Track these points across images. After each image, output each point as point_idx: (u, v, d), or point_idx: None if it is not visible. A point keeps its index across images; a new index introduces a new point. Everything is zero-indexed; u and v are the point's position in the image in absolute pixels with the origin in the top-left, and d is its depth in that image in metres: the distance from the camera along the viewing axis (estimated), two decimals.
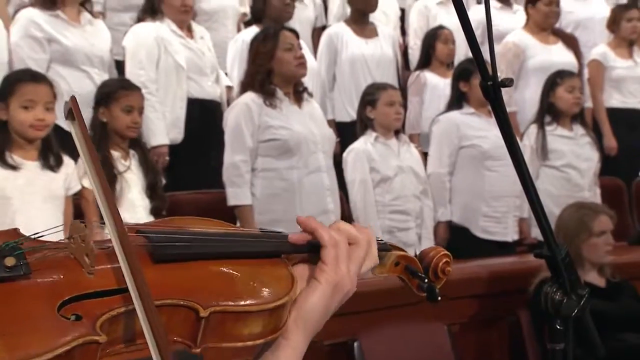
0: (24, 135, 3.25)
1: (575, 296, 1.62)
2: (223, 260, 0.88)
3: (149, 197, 3.65)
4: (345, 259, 0.94)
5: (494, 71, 1.43)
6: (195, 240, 0.89)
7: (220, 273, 0.87)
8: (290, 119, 3.90)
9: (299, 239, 0.96)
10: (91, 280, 0.79)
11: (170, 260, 0.85)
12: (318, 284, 0.92)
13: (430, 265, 1.05)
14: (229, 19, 5.69)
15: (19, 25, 4.22)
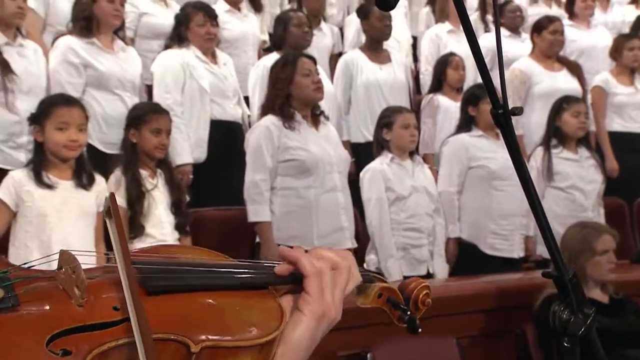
0: (59, 155, 3.28)
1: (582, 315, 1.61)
2: (213, 292, 0.84)
3: (174, 213, 3.67)
4: (329, 288, 0.89)
5: (504, 100, 1.43)
6: (185, 271, 0.85)
7: (211, 306, 0.83)
8: (308, 141, 3.91)
9: (283, 271, 0.90)
10: (81, 312, 0.74)
11: (161, 292, 0.80)
12: (303, 316, 0.87)
13: (410, 297, 1.02)
14: (249, 46, 5.72)
15: (57, 52, 4.26)
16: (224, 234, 4.21)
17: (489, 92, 1.45)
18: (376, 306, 1.02)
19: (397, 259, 4.10)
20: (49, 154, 3.28)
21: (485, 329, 3.46)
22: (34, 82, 4.12)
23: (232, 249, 4.13)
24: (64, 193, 3.28)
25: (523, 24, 6.37)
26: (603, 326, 2.58)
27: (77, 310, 0.73)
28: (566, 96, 4.75)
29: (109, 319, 0.74)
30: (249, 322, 0.82)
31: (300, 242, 3.83)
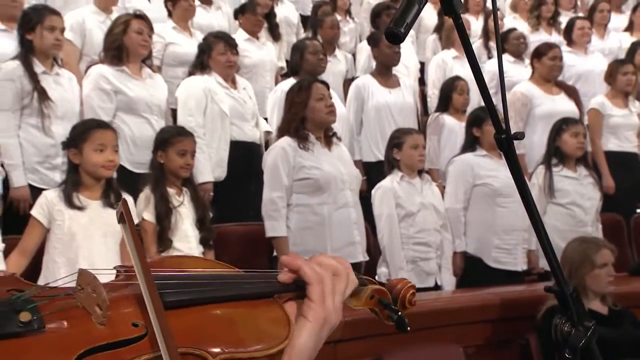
0: (96, 175, 3.31)
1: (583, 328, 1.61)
2: (224, 304, 0.83)
3: (199, 228, 3.69)
4: (330, 294, 0.89)
5: (507, 126, 1.44)
6: (196, 284, 0.84)
7: (223, 318, 0.82)
8: (321, 160, 3.92)
9: (286, 279, 0.90)
10: (103, 331, 0.72)
11: (177, 306, 0.79)
12: (307, 321, 0.87)
13: (398, 297, 1.01)
14: (267, 72, 5.76)
15: (90, 79, 4.29)
16: (244, 248, 4.22)
17: (491, 117, 1.46)
18: (367, 307, 1.02)
19: (407, 272, 4.07)
20: (84, 175, 3.31)
21: (490, 339, 3.44)
22: (69, 107, 4.15)
23: (251, 262, 4.14)
24: (92, 213, 3.31)
25: (526, 50, 6.36)
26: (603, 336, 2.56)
27: (99, 329, 0.72)
28: (565, 118, 4.74)
29: (130, 335, 0.73)
30: (260, 333, 0.82)
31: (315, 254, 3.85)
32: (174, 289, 0.80)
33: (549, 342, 3.21)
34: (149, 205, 3.57)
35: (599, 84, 6.06)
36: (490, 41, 6.85)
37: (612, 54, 6.88)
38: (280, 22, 6.58)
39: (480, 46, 6.86)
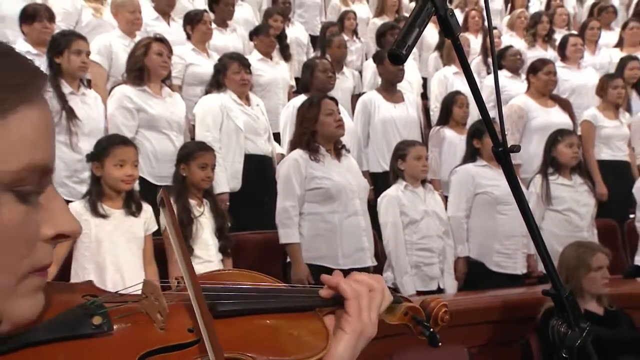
0: (116, 188, 3.33)
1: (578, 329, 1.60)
2: (269, 315, 0.86)
3: (218, 237, 3.70)
4: (367, 309, 0.91)
5: (503, 139, 1.45)
6: (246, 297, 0.86)
7: (269, 327, 0.85)
8: (331, 171, 3.93)
9: (326, 295, 0.93)
10: (162, 335, 0.75)
11: (227, 315, 0.83)
12: (344, 333, 0.89)
13: (431, 314, 1.04)
14: (280, 89, 5.79)
15: (114, 98, 4.33)
16: (259, 255, 4.23)
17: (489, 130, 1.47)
18: (401, 322, 1.05)
19: (411, 276, 4.08)
20: (106, 187, 3.33)
21: (492, 339, 3.43)
22: (94, 125, 4.19)
23: (266, 268, 4.14)
24: (116, 221, 3.33)
25: (522, 65, 6.37)
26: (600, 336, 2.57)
27: (159, 334, 0.75)
28: (560, 129, 4.73)
29: (185, 340, 0.76)
30: (301, 343, 0.85)
31: (326, 261, 3.86)
32: (226, 300, 0.84)
33: (548, 342, 3.19)
34: None
35: (591, 97, 6.06)
36: (488, 57, 6.85)
37: (603, 68, 6.87)
38: (291, 43, 6.63)
39: (480, 62, 6.87)
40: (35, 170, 0.62)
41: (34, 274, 0.64)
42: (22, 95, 0.61)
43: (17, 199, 0.61)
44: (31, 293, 0.65)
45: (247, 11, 7.08)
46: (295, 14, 7.89)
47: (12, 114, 0.60)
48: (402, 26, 1.31)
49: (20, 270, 0.63)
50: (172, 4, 6.01)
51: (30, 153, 0.62)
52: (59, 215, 0.66)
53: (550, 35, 7.45)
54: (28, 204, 0.62)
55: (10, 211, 0.61)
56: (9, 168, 0.60)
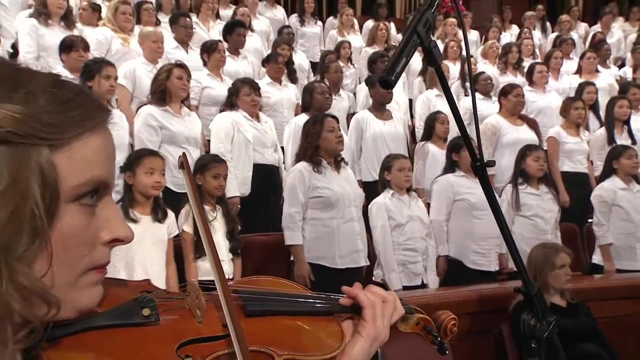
0: (146, 194, 3.31)
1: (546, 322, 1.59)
2: (293, 317, 0.88)
3: (229, 239, 3.68)
4: (380, 316, 0.93)
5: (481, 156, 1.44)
6: (274, 300, 0.88)
7: (291, 327, 0.87)
8: (332, 182, 3.91)
9: (346, 302, 0.95)
10: (200, 328, 0.78)
11: (256, 315, 0.85)
12: (360, 337, 0.91)
13: (441, 326, 1.05)
14: (285, 109, 5.78)
15: (140, 117, 4.32)
16: (266, 255, 4.20)
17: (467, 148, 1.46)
18: (414, 331, 1.06)
19: (398, 273, 4.05)
20: (136, 194, 3.32)
21: (470, 329, 3.39)
22: (120, 140, 4.16)
23: (273, 266, 4.14)
24: (144, 225, 3.31)
25: (493, 89, 6.38)
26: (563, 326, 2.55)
27: (197, 326, 0.78)
28: (528, 145, 4.72)
29: (218, 333, 0.79)
30: (319, 342, 0.86)
31: (326, 261, 3.84)
32: (256, 302, 0.86)
33: (519, 332, 3.17)
34: (188, 219, 3.57)
35: (555, 117, 6.07)
36: (466, 82, 6.85)
37: (565, 92, 6.89)
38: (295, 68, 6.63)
39: (458, 86, 6.87)
40: (94, 185, 0.67)
41: (92, 271, 0.69)
42: (86, 126, 0.66)
43: (80, 208, 0.66)
44: (90, 286, 0.69)
45: (256, 41, 7.08)
46: (297, 43, 7.91)
47: (76, 140, 0.65)
48: (392, 56, 1.30)
49: (80, 268, 0.67)
50: (190, 34, 6.02)
51: (91, 171, 0.66)
52: (115, 222, 0.71)
53: (519, 63, 7.46)
54: (89, 213, 0.67)
55: (73, 219, 0.65)
56: (71, 183, 0.64)
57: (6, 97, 0.61)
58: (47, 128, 0.63)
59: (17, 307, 0.60)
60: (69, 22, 5.40)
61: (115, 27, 5.67)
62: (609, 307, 3.78)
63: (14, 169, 0.60)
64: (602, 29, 9.72)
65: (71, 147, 0.65)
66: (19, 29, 5.41)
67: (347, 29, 8.30)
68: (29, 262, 0.61)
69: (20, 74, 0.65)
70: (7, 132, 0.60)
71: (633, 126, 6.00)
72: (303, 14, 8.42)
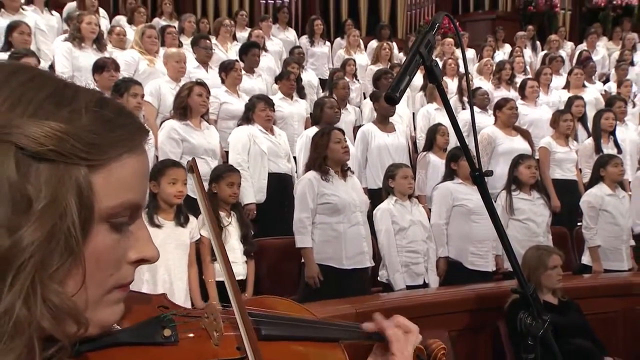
0: (169, 202, 3.30)
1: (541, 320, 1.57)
2: (303, 342, 0.85)
3: (243, 243, 3.65)
4: (405, 348, 0.91)
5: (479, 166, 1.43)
6: (287, 325, 0.85)
7: (301, 353, 0.84)
8: (339, 189, 3.89)
9: (369, 328, 0.93)
10: (217, 350, 0.75)
11: (270, 338, 0.81)
12: None
13: (432, 354, 1.02)
14: (295, 122, 5.78)
15: (164, 131, 4.33)
16: (279, 256, 4.18)
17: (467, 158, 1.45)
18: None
19: (401, 273, 4.01)
20: (161, 202, 3.31)
21: (469, 325, 3.37)
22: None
23: (285, 267, 4.12)
24: (168, 230, 3.30)
25: (489, 103, 6.34)
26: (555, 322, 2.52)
27: (214, 348, 0.75)
28: (521, 154, 4.69)
29: (234, 356, 0.75)
30: None
31: (333, 262, 3.81)
32: (269, 326, 0.83)
33: (514, 328, 3.14)
34: (205, 224, 3.55)
35: (546, 128, 6.02)
36: (463, 96, 6.83)
37: (555, 106, 6.83)
38: (305, 85, 6.63)
39: (456, 100, 6.84)
40: (128, 207, 0.63)
41: (117, 289, 0.65)
42: (125, 147, 0.62)
43: (111, 229, 0.62)
44: (114, 304, 0.65)
45: (270, 60, 7.10)
46: (308, 62, 7.92)
47: (114, 162, 0.61)
48: (396, 74, 1.29)
49: (107, 286, 0.64)
50: (210, 55, 6.05)
51: (126, 194, 0.62)
52: (143, 243, 0.67)
53: (511, 79, 7.42)
54: (119, 233, 0.63)
55: (104, 239, 0.61)
56: (106, 205, 0.60)
57: (51, 114, 0.58)
58: (88, 148, 0.59)
59: (47, 326, 0.56)
60: (101, 45, 5.45)
61: (142, 49, 5.71)
62: (597, 304, 3.76)
63: (53, 187, 0.57)
64: (588, 48, 9.70)
65: (109, 168, 0.60)
66: (55, 52, 5.46)
67: (353, 49, 8.30)
68: (61, 281, 0.58)
69: (67, 90, 0.61)
70: (49, 150, 0.57)
71: (618, 136, 5.95)
72: (313, 36, 8.44)
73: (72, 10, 6.74)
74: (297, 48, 7.75)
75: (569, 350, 3.06)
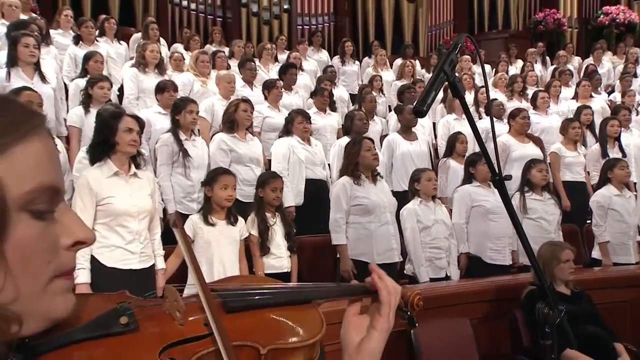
0: (221, 205, 3.36)
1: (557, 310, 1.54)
2: (273, 309, 0.75)
3: (287, 240, 3.68)
4: (393, 311, 0.83)
5: (499, 171, 1.42)
6: (252, 294, 0.76)
7: (272, 319, 0.75)
8: (369, 192, 3.88)
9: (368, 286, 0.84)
10: (182, 329, 0.67)
11: (236, 310, 0.72)
12: (375, 331, 0.81)
13: (408, 301, 0.91)
14: (328, 132, 5.77)
15: (215, 143, 4.39)
16: (317, 253, 4.19)
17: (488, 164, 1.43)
18: None
19: (426, 267, 3.97)
20: (214, 204, 3.36)
21: (488, 314, 3.32)
22: (201, 162, 4.24)
23: (322, 262, 4.13)
24: (220, 228, 3.35)
25: (504, 113, 6.23)
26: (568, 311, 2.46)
27: (179, 328, 0.67)
28: (533, 159, 4.59)
29: (201, 332, 0.67)
30: (300, 330, 0.74)
31: (365, 257, 3.79)
32: (235, 298, 0.74)
33: (530, 316, 3.07)
34: (254, 225, 3.59)
35: (556, 135, 5.88)
36: (479, 108, 6.73)
37: (564, 115, 6.67)
38: (336, 100, 6.64)
39: (473, 111, 6.75)
40: (44, 191, 0.54)
41: (60, 277, 0.56)
42: (21, 131, 0.53)
43: (32, 216, 0.53)
44: (61, 293, 0.56)
45: (305, 78, 7.13)
46: (339, 79, 7.92)
47: (13, 146, 0.52)
48: (423, 90, 1.29)
49: (45, 275, 0.54)
50: (254, 75, 6.11)
51: (37, 177, 0.53)
52: (73, 226, 0.57)
53: (524, 91, 7.28)
54: (43, 220, 0.54)
55: (25, 228, 0.52)
56: (19, 191, 0.52)
57: None
58: None
59: None
60: (162, 69, 5.56)
61: (196, 72, 5.82)
62: (607, 295, 3.66)
63: None
64: (594, 62, 9.47)
65: (9, 153, 0.51)
66: (124, 76, 5.61)
67: (380, 66, 8.27)
68: None
69: None
70: None
71: (623, 142, 5.80)
72: (344, 56, 8.43)
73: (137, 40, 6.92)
74: (329, 67, 7.76)
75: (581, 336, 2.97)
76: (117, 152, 2.95)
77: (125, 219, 2.90)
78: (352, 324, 0.83)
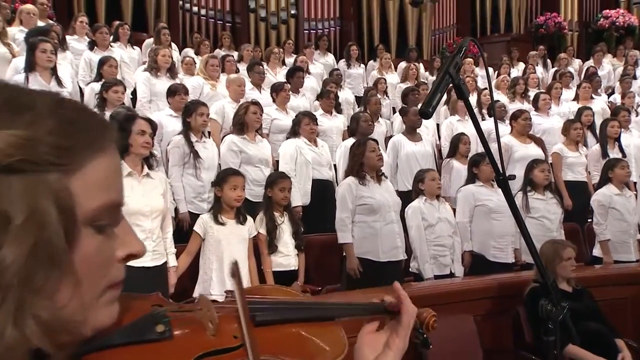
0: (231, 205, 3.36)
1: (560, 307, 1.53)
2: (298, 324, 0.74)
3: (294, 238, 3.68)
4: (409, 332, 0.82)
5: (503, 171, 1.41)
6: (281, 309, 0.75)
7: (298, 334, 0.73)
8: (374, 192, 3.86)
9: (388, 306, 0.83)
10: (213, 340, 0.65)
11: (265, 324, 0.71)
12: (390, 351, 0.79)
13: (424, 322, 0.90)
14: (334, 134, 5.76)
15: (225, 144, 4.40)
16: (323, 251, 4.18)
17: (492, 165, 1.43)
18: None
19: (430, 264, 3.96)
20: (224, 204, 3.36)
21: (491, 310, 3.30)
22: (211, 163, 4.25)
23: (328, 260, 4.12)
24: (230, 227, 3.36)
25: (506, 115, 6.20)
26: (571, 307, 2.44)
27: (211, 339, 0.66)
28: (535, 159, 4.56)
29: (231, 345, 0.66)
30: (323, 348, 0.73)
31: (371, 255, 3.79)
32: (264, 312, 0.73)
33: (532, 313, 3.05)
34: (262, 224, 3.60)
35: (558, 136, 5.87)
36: (482, 109, 6.70)
37: (565, 116, 6.63)
38: (342, 102, 6.63)
39: (476, 113, 6.70)
40: (110, 207, 0.53)
41: (110, 288, 0.56)
42: (97, 147, 0.52)
43: (95, 231, 0.53)
44: (109, 304, 0.57)
45: (312, 82, 7.13)
46: (345, 82, 7.92)
47: (89, 163, 0.51)
48: (429, 92, 1.28)
49: (100, 287, 0.55)
50: (263, 78, 6.11)
51: (105, 194, 0.53)
52: (129, 239, 0.57)
53: (525, 93, 7.24)
54: (104, 234, 0.54)
55: (90, 242, 0.52)
56: (89, 208, 0.51)
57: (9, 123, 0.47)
58: (57, 152, 0.49)
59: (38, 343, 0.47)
60: (173, 73, 5.58)
61: (206, 75, 5.83)
62: (608, 292, 3.63)
63: (29, 199, 0.47)
64: (594, 64, 9.41)
65: (85, 170, 0.50)
66: (137, 80, 5.64)
67: (385, 69, 8.27)
68: (51, 293, 0.48)
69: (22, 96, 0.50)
70: (17, 161, 0.46)
71: (623, 142, 5.75)
72: (349, 59, 8.43)
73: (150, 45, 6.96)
74: (335, 70, 7.76)
75: (583, 332, 2.95)
76: (130, 153, 2.97)
77: (138, 218, 2.92)
78: (366, 341, 0.82)
